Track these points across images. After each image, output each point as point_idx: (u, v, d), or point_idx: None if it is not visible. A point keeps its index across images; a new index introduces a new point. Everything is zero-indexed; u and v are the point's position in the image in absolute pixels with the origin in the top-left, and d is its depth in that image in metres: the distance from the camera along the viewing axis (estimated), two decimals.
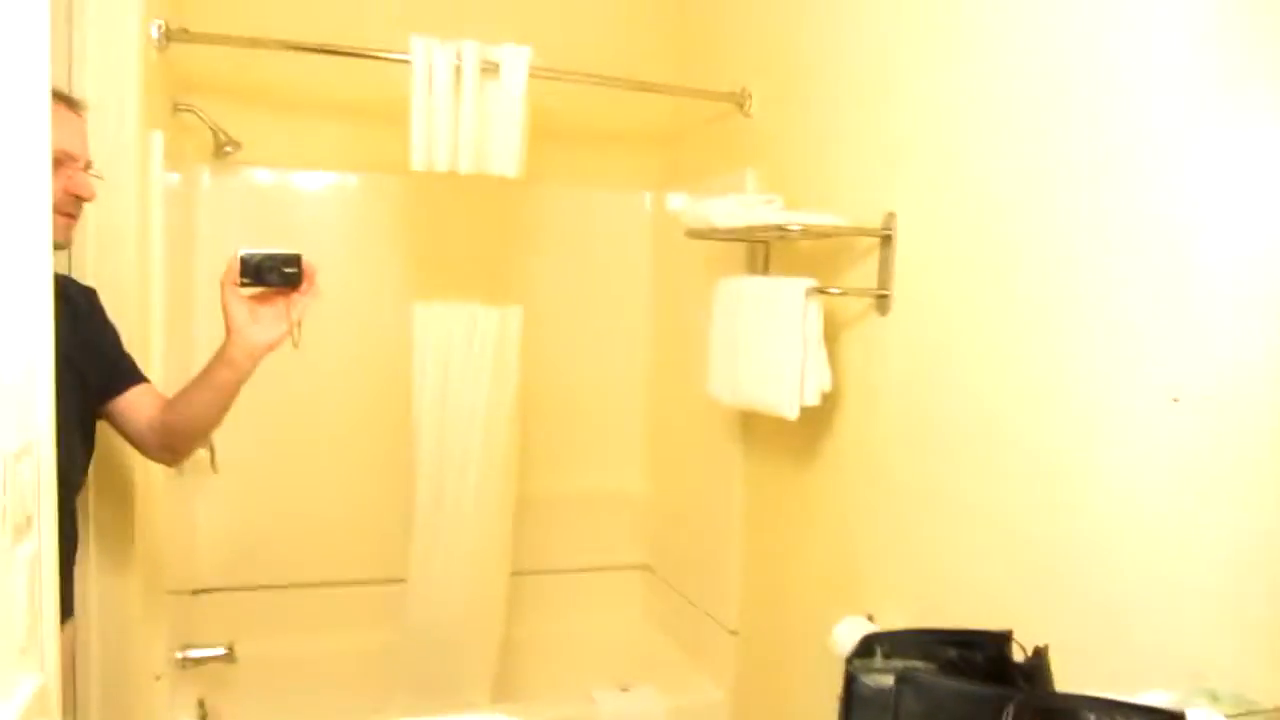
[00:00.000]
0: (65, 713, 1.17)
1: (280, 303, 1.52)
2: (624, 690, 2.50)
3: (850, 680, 1.11)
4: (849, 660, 1.14)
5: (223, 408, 1.59)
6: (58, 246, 1.51)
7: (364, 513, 2.81)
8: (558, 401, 2.93)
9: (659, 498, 3.01)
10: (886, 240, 1.86)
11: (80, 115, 1.53)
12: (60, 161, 1.47)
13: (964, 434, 1.66)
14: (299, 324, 1.53)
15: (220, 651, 2.43)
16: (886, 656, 1.16)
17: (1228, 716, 1.06)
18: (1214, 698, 1.16)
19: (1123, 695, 1.08)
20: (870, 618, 1.87)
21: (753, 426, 2.42)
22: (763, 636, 2.38)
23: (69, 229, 1.52)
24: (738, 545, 2.48)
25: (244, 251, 1.49)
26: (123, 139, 1.78)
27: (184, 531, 2.54)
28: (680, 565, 2.86)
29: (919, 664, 1.15)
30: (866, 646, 1.17)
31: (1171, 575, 1.29)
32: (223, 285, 1.49)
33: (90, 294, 1.67)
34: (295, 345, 1.53)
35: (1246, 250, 1.16)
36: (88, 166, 1.52)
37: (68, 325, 1.56)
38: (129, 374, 1.64)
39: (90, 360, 1.56)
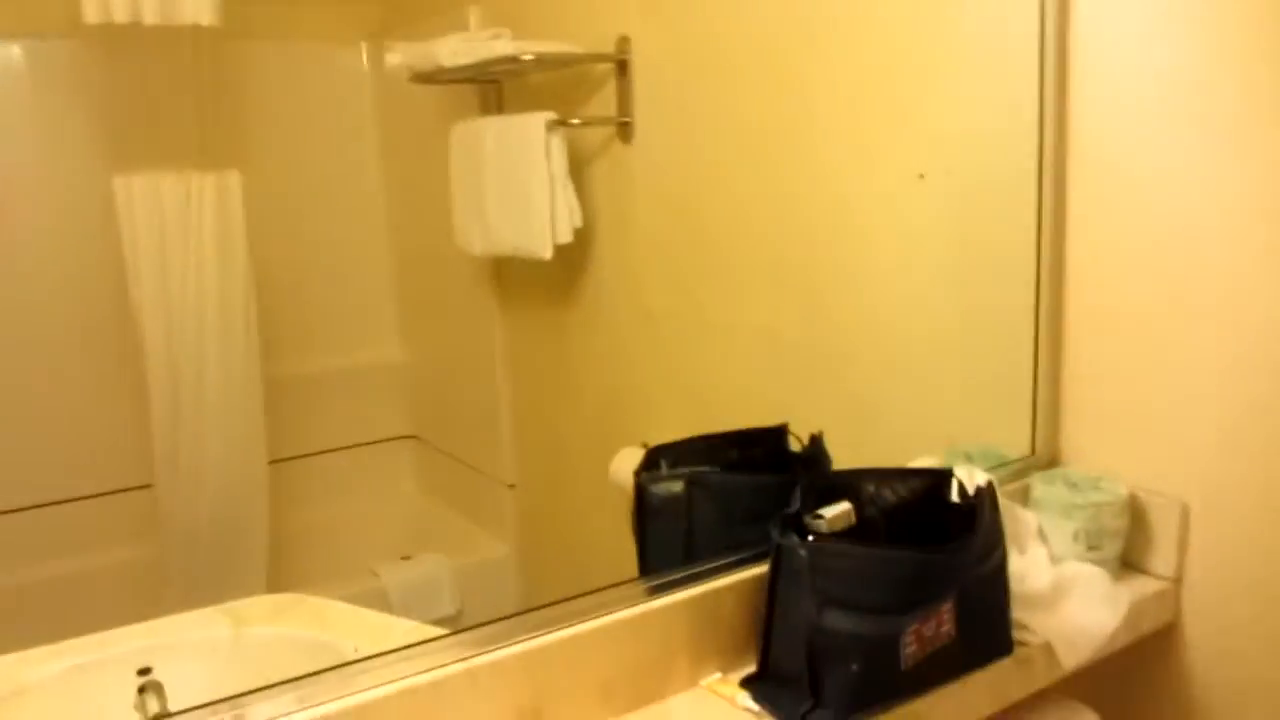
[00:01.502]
0: None
1: None
2: (405, 559, 2.46)
3: (640, 493, 1.12)
4: (636, 474, 1.14)
5: None
6: None
7: (96, 418, 2.55)
8: (294, 275, 2.73)
9: (419, 363, 2.92)
10: (623, 66, 1.82)
11: None
12: None
13: (719, 250, 1.68)
14: None
15: None
16: (672, 466, 1.17)
17: (986, 469, 1.15)
18: (969, 457, 1.25)
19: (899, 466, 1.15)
20: (645, 445, 1.91)
21: (506, 274, 2.36)
22: (542, 485, 2.39)
23: None
24: (505, 397, 2.45)
25: None
26: None
27: None
28: (450, 428, 2.80)
29: (704, 468, 1.17)
30: (652, 460, 1.17)
31: (919, 356, 1.37)
32: None
33: None
34: None
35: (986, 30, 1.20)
36: None
37: None
38: None
39: None
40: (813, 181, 1.47)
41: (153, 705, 0.91)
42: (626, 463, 1.87)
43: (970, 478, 1.11)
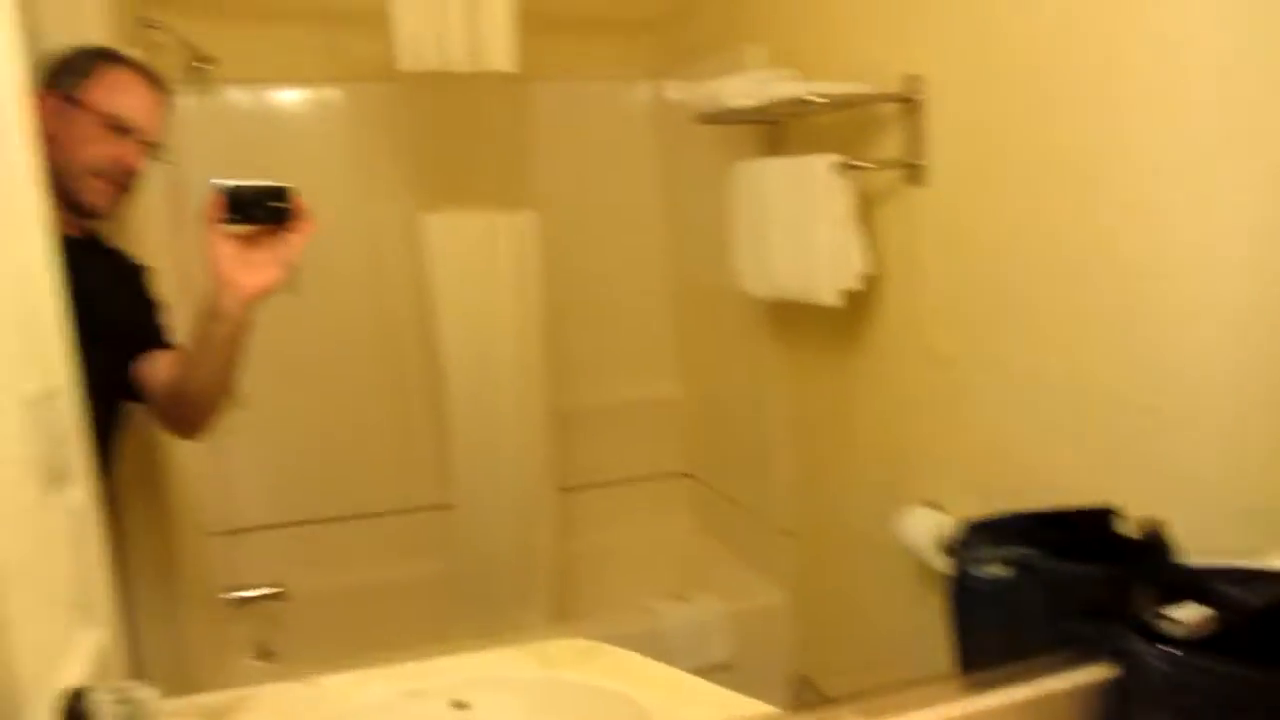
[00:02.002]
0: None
1: (270, 242, 1.32)
2: (681, 601, 2.45)
3: (961, 575, 1.03)
4: (954, 553, 1.05)
5: (221, 367, 1.41)
6: (95, 213, 1.47)
7: (396, 439, 2.73)
8: (578, 309, 2.80)
9: (696, 401, 2.92)
10: (915, 106, 1.73)
11: (156, 90, 1.48)
12: (118, 128, 1.42)
13: (1020, 294, 1.55)
14: (293, 266, 1.33)
15: (271, 590, 2.39)
16: (992, 545, 1.07)
17: None
18: None
19: (1251, 562, 1.00)
20: (934, 505, 1.80)
21: (788, 317, 2.31)
22: (820, 534, 2.31)
23: (112, 197, 1.45)
24: (783, 441, 2.39)
25: (222, 184, 1.29)
26: None
27: (218, 471, 2.48)
28: (725, 469, 2.78)
29: (1027, 550, 1.06)
30: (970, 536, 1.08)
31: (1265, 421, 1.19)
32: (203, 224, 1.30)
33: (140, 268, 1.61)
34: (294, 291, 1.36)
35: None
36: (149, 144, 1.45)
37: (110, 283, 1.52)
38: (154, 336, 1.53)
39: (124, 318, 1.51)
40: (1128, 215, 1.32)
41: None
42: (915, 524, 1.77)
43: None
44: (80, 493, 0.97)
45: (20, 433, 0.84)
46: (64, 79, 1.44)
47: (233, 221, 1.30)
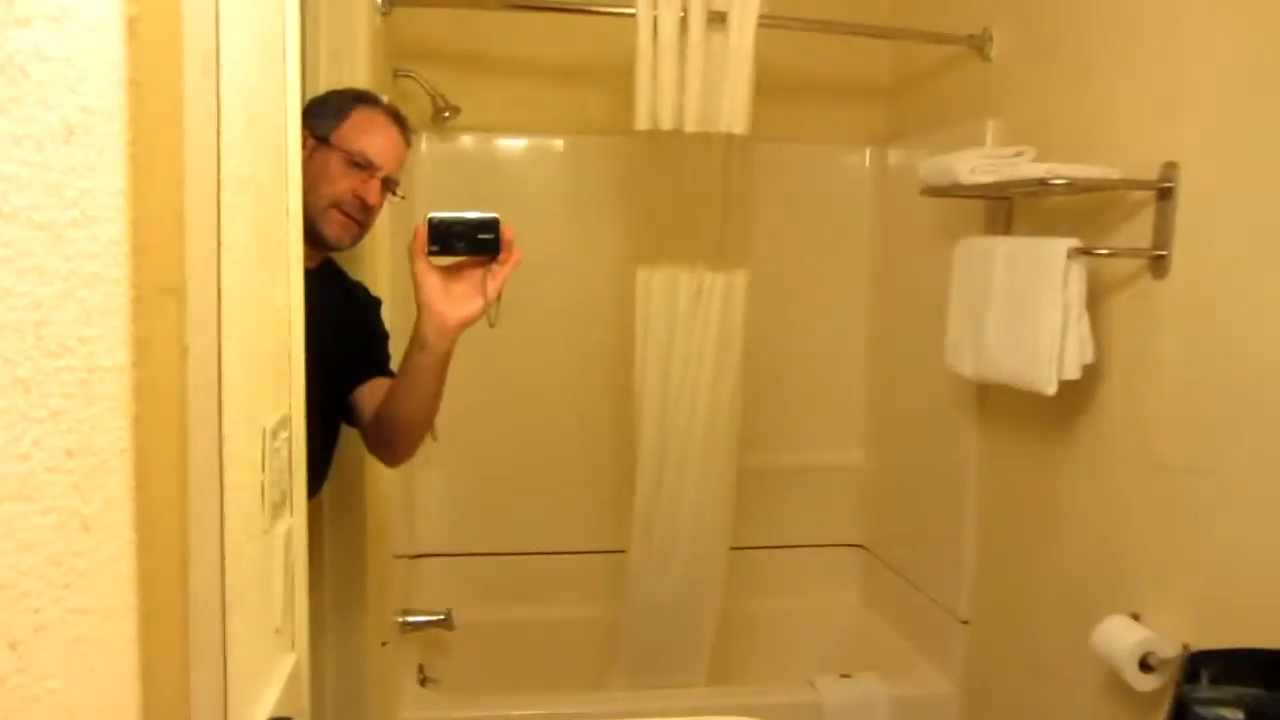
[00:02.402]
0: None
1: (476, 273, 1.34)
2: (845, 677, 2.37)
3: (1181, 709, 0.95)
4: (1179, 686, 0.98)
5: (424, 396, 1.43)
6: (333, 245, 1.53)
7: (582, 482, 2.78)
8: (775, 369, 2.79)
9: (881, 473, 2.84)
10: (1165, 194, 1.64)
11: (402, 132, 1.55)
12: (360, 164, 1.49)
13: (1264, 408, 1.44)
14: (497, 298, 1.34)
15: (439, 617, 2.45)
16: (1214, 681, 0.99)
17: None
18: None
19: None
20: (1136, 617, 1.68)
21: (992, 401, 2.23)
22: (999, 629, 2.20)
23: (349, 230, 1.51)
24: (971, 527, 2.29)
25: (433, 216, 1.30)
26: None
27: (405, 497, 2.57)
28: (903, 546, 2.69)
29: (1257, 691, 0.98)
30: (1191, 668, 1.00)
31: None
32: (411, 254, 1.33)
33: (373, 300, 1.68)
34: (491, 324, 1.34)
35: None
36: (388, 182, 1.52)
37: (339, 314, 1.59)
38: (376, 364, 1.58)
39: (348, 347, 1.56)
40: None
41: None
42: (1112, 634, 1.66)
43: None
44: (294, 521, 1.02)
45: (259, 462, 0.89)
46: (320, 119, 1.52)
47: (439, 253, 1.32)
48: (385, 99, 1.63)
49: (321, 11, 1.71)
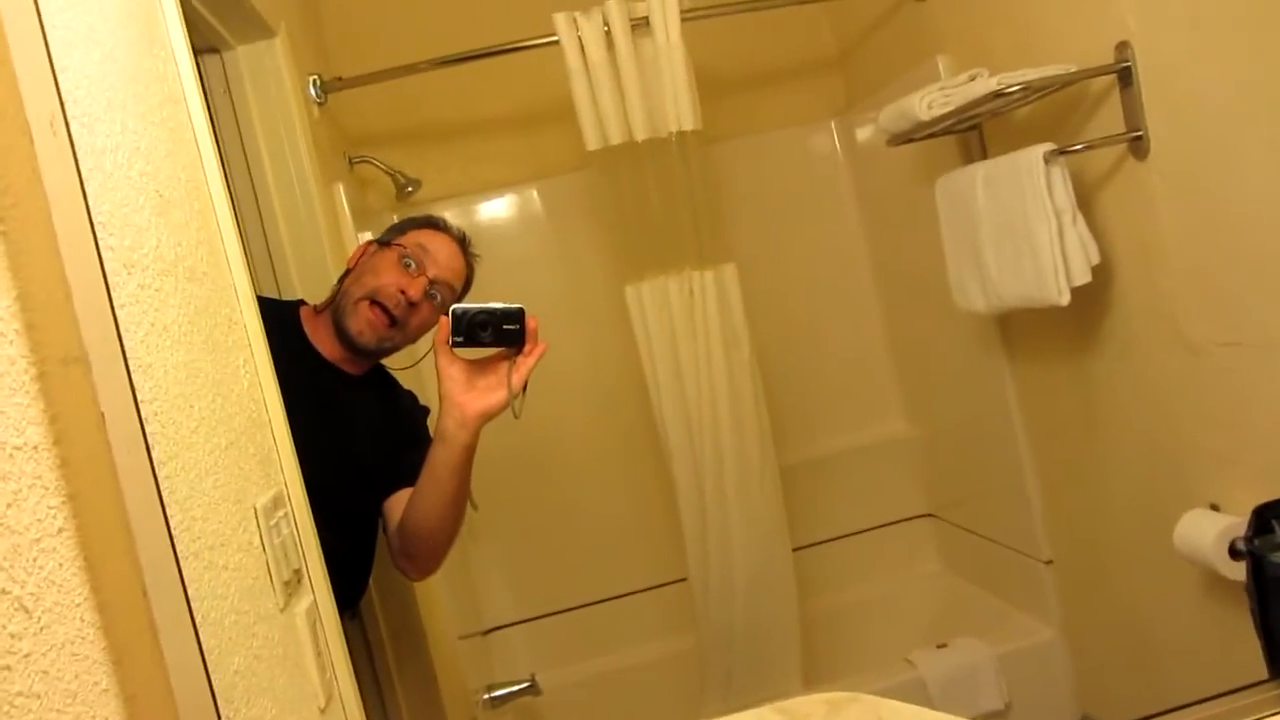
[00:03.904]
0: None
1: (501, 365, 1.32)
2: (941, 647, 2.30)
3: (1257, 564, 0.90)
4: (1247, 539, 0.92)
5: (445, 494, 1.36)
6: (356, 342, 1.45)
7: (630, 517, 2.74)
8: (792, 359, 2.75)
9: (928, 437, 2.77)
10: (1125, 75, 1.60)
11: (462, 251, 1.53)
12: (412, 264, 1.45)
13: (1272, 269, 1.39)
14: (523, 389, 1.32)
15: (525, 684, 2.40)
16: None
17: None
18: None
19: None
20: (1215, 507, 1.61)
21: (1014, 328, 2.17)
22: (1084, 558, 2.13)
23: (374, 328, 1.44)
24: (1029, 463, 2.23)
25: (456, 307, 1.29)
26: (304, 197, 1.78)
27: (464, 575, 2.55)
28: (970, 503, 2.62)
29: None
30: (1262, 522, 0.94)
31: None
32: (436, 348, 1.31)
33: (421, 409, 1.62)
34: (516, 415, 1.32)
35: None
36: (427, 290, 1.46)
37: (380, 422, 1.53)
38: (408, 472, 1.45)
39: (385, 457, 1.49)
40: None
41: None
42: (1194, 529, 1.58)
43: None
44: (318, 596, 1.01)
45: (256, 541, 0.88)
46: (386, 232, 1.55)
47: (464, 344, 1.30)
48: (455, 228, 1.59)
49: (252, 105, 1.73)
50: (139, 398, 0.63)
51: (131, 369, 0.63)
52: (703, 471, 2.23)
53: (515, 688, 2.41)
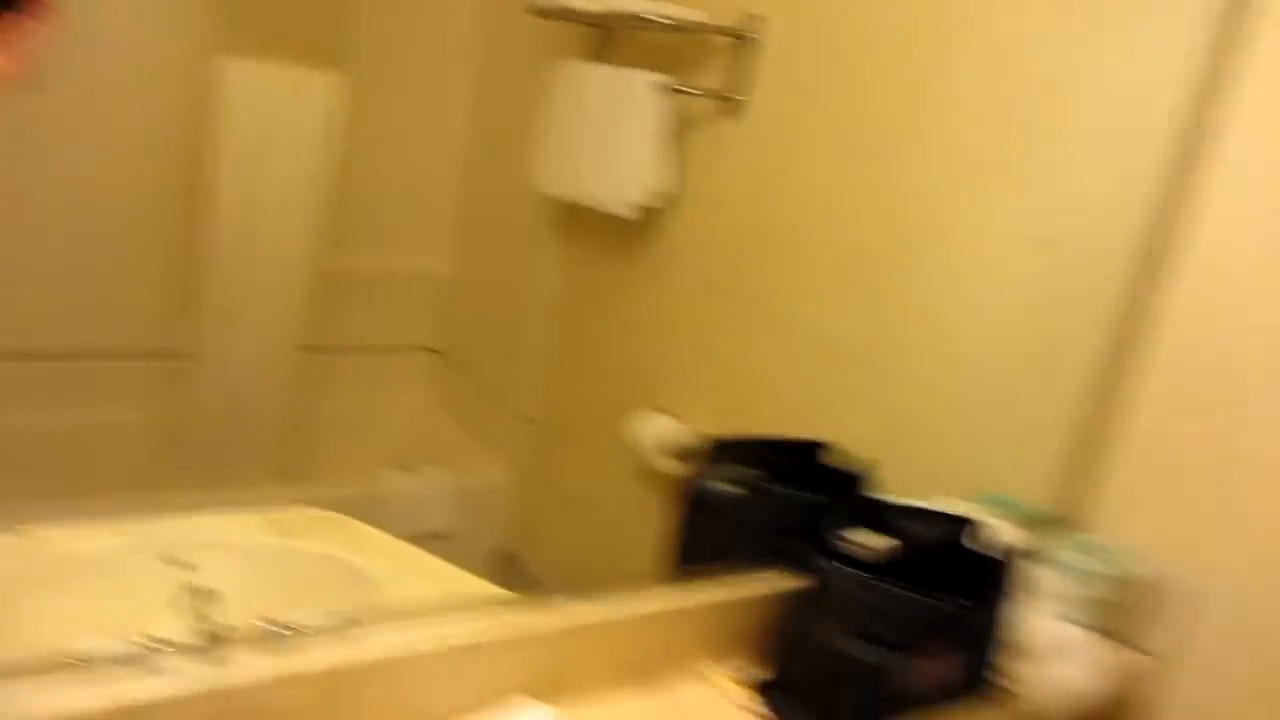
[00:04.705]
0: None
1: (4, 31, 1.05)
2: (407, 470, 2.49)
3: (696, 484, 1.14)
4: (693, 463, 1.16)
5: None
6: None
7: (140, 272, 2.51)
8: (361, 169, 2.70)
9: (461, 281, 2.91)
10: (748, 44, 1.81)
11: None
12: None
13: (797, 244, 1.70)
14: (32, 55, 1.13)
15: None
16: (731, 464, 1.20)
17: (1005, 516, 1.17)
18: (993, 503, 1.26)
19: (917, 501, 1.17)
20: (672, 414, 1.94)
21: (578, 220, 2.36)
22: (560, 426, 2.41)
23: None
24: (543, 333, 2.46)
25: None
26: None
27: None
28: (478, 352, 2.81)
29: (758, 472, 1.19)
30: (713, 453, 1.19)
31: (964, 390, 1.39)
32: None
33: None
34: (36, 88, 1.19)
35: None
36: None
37: None
38: None
39: None
40: (905, 201, 1.49)
41: (206, 610, 0.86)
42: (648, 427, 1.91)
43: (999, 532, 1.13)
44: None
45: None
46: None
47: None
48: None
49: None
50: None
51: None
52: (243, 256, 2.17)
53: None
